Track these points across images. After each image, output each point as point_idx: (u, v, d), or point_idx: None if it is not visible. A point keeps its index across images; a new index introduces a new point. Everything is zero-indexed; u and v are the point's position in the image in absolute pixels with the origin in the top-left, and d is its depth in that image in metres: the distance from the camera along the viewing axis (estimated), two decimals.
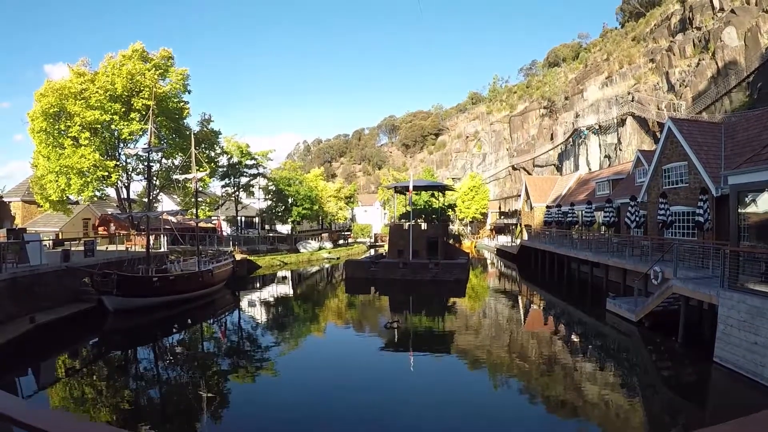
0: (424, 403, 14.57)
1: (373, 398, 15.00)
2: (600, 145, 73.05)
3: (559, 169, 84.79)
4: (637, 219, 30.45)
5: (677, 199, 28.30)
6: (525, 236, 59.47)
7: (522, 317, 30.39)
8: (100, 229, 47.17)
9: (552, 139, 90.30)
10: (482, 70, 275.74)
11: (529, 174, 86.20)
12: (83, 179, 38.88)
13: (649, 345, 20.85)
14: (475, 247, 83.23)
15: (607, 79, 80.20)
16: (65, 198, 41.60)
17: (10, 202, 54.81)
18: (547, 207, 57.10)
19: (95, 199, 44.51)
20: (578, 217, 44.67)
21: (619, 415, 14.02)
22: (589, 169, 70.28)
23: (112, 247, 38.44)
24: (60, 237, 38.44)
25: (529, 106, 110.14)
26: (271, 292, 40.91)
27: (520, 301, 36.31)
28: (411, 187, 46.79)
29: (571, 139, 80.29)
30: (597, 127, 73.34)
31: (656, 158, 30.92)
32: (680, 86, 60.19)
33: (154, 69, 42.13)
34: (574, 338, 23.85)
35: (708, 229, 23.85)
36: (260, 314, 31.45)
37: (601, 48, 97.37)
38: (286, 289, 42.93)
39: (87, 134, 39.03)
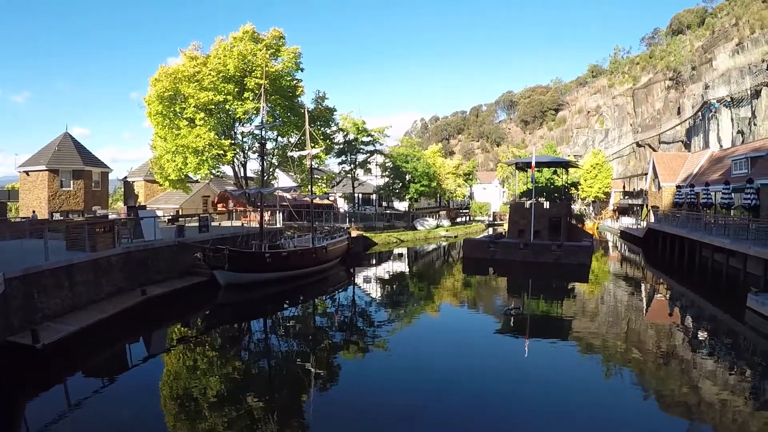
0: (536, 393, 13.63)
1: (484, 382, 14.39)
2: (732, 120, 63.54)
3: (687, 146, 76.93)
4: None
5: None
6: (651, 218, 53.39)
7: (645, 306, 26.64)
8: (219, 205, 48.51)
9: (679, 113, 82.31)
10: (602, 40, 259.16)
11: (655, 151, 78.50)
12: (199, 158, 40.26)
13: None
14: (597, 228, 77.52)
15: (738, 46, 70.70)
16: (183, 176, 43.37)
17: (133, 182, 60.46)
18: (677, 187, 51.32)
19: (212, 176, 45.78)
20: (713, 198, 39.79)
21: (745, 426, 11.85)
22: (721, 146, 62.15)
23: (228, 223, 39.08)
24: (179, 213, 39.70)
25: (653, 77, 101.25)
26: (386, 269, 39.76)
27: (643, 288, 32.16)
28: (533, 163, 43.19)
29: (700, 113, 71.74)
30: (728, 99, 64.03)
31: None
32: None
33: (265, 49, 42.12)
34: (702, 334, 20.45)
35: None
36: (374, 291, 30.37)
37: (728, 12, 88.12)
38: (402, 267, 41.60)
39: (202, 115, 40.16)
